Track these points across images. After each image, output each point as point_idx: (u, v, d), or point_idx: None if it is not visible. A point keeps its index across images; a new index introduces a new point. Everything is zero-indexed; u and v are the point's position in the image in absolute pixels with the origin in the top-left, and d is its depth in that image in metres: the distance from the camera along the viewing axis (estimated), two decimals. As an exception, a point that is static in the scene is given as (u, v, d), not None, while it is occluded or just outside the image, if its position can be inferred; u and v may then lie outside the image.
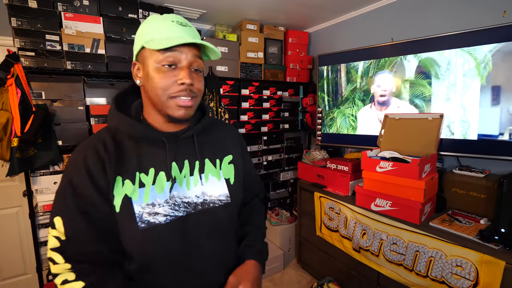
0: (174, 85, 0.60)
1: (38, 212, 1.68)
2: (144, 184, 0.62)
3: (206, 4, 2.07)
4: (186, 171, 0.67)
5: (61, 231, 0.57)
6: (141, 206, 0.60)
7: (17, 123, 1.50)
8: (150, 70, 0.61)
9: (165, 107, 0.62)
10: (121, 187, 0.60)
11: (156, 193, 0.62)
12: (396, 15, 2.02)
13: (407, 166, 1.43)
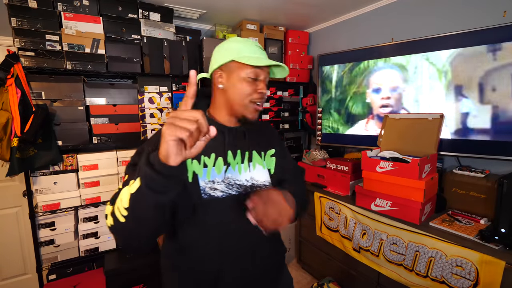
0: (255, 93, 0.79)
1: (38, 212, 1.68)
2: (207, 165, 0.78)
3: (206, 4, 2.07)
4: (238, 159, 0.82)
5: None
6: (204, 181, 0.76)
7: (17, 123, 1.50)
8: (237, 79, 0.78)
9: (244, 109, 0.80)
10: (190, 164, 0.76)
11: (215, 173, 0.78)
12: (396, 15, 2.02)
13: (407, 166, 1.43)
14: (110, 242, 1.93)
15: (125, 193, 0.57)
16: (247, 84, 0.78)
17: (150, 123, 2.02)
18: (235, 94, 0.78)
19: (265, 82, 0.81)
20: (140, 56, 1.92)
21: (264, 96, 0.81)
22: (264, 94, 0.80)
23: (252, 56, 0.77)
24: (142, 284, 1.89)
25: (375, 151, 1.70)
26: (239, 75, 0.78)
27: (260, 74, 0.79)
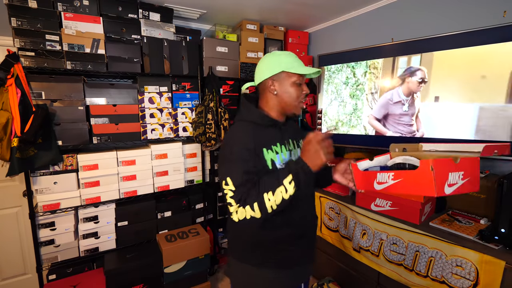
0: (302, 95, 1.01)
1: (38, 212, 1.68)
2: (277, 152, 0.98)
3: (206, 4, 2.07)
4: (292, 146, 1.05)
5: (231, 185, 0.88)
6: (279, 165, 0.96)
7: (17, 123, 1.50)
8: (288, 85, 0.98)
9: (294, 108, 1.01)
10: (267, 154, 0.95)
11: (284, 157, 0.99)
12: (396, 15, 2.02)
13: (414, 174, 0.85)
14: (110, 242, 1.93)
15: (276, 196, 0.84)
16: (296, 88, 0.98)
17: (150, 123, 2.02)
18: (288, 97, 0.99)
19: (305, 85, 1.02)
20: (140, 56, 1.92)
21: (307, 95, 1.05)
22: (307, 93, 1.02)
23: (297, 66, 0.97)
24: (142, 284, 1.89)
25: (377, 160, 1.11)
26: (289, 82, 0.98)
27: (303, 80, 1.00)
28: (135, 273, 1.86)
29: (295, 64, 0.98)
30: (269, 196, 0.84)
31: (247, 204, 0.85)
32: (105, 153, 1.84)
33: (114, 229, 1.93)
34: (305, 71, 0.97)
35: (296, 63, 0.98)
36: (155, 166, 2.02)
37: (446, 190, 0.76)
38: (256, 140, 0.94)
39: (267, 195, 0.84)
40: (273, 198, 0.84)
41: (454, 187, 0.78)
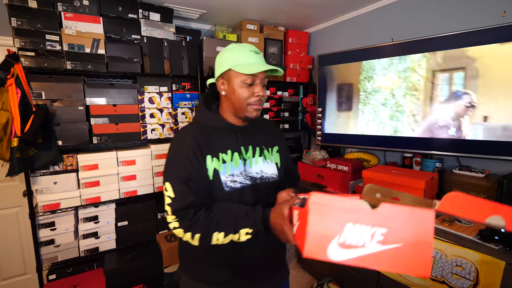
0: (252, 96, 0.87)
1: (38, 212, 1.68)
2: (225, 161, 0.87)
3: (206, 4, 2.07)
4: (250, 154, 0.93)
5: (171, 192, 0.81)
6: (225, 176, 0.86)
7: (17, 123, 1.50)
8: (236, 86, 0.86)
9: (244, 111, 0.88)
10: (211, 162, 0.85)
11: (233, 167, 0.88)
12: (396, 15, 2.02)
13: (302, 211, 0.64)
14: (110, 242, 1.93)
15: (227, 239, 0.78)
16: (245, 89, 0.86)
17: (150, 123, 2.02)
18: (235, 99, 0.87)
19: (262, 85, 0.88)
20: (140, 56, 1.92)
21: (262, 97, 0.88)
22: (262, 96, 0.87)
23: (246, 63, 0.85)
24: (142, 284, 1.89)
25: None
26: (236, 82, 0.86)
27: (256, 78, 0.86)
28: (135, 273, 1.87)
29: (244, 61, 0.85)
30: (219, 236, 0.77)
31: (190, 232, 0.78)
32: (105, 153, 1.84)
33: (114, 229, 1.93)
34: (252, 69, 0.83)
35: (245, 60, 0.85)
36: (155, 166, 2.02)
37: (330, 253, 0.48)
38: (201, 145, 0.85)
39: (217, 234, 0.77)
40: (222, 239, 0.77)
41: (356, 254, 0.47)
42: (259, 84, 0.87)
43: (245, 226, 0.77)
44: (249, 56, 0.86)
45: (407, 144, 1.82)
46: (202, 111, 0.93)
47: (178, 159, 0.84)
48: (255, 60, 0.86)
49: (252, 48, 0.88)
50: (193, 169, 0.82)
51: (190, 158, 0.83)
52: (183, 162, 0.83)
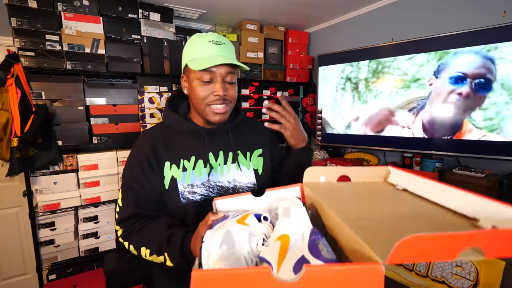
0: (210, 96, 0.74)
1: (38, 212, 1.68)
2: (186, 168, 0.77)
3: (206, 4, 2.07)
4: (220, 160, 0.81)
5: (120, 200, 0.76)
6: (183, 185, 0.76)
7: (17, 123, 1.50)
8: (193, 83, 0.75)
9: (204, 113, 0.76)
10: (169, 170, 0.76)
11: (195, 176, 0.77)
12: (396, 15, 2.02)
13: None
14: (110, 242, 1.93)
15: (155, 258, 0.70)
16: (202, 88, 0.74)
17: (150, 123, 2.02)
18: (194, 99, 0.76)
19: (222, 82, 0.73)
20: (140, 56, 1.92)
21: (222, 97, 0.74)
22: (221, 95, 0.73)
23: (203, 57, 0.72)
24: (142, 284, 1.89)
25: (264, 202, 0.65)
26: (194, 79, 0.74)
27: (214, 75, 0.73)
28: (135, 273, 1.86)
29: (200, 54, 0.72)
30: (146, 253, 0.70)
31: (127, 241, 0.73)
32: (105, 153, 1.84)
33: (114, 229, 1.93)
34: (204, 64, 0.70)
35: (201, 53, 0.72)
36: (155, 166, 2.02)
37: None
38: (159, 150, 0.76)
39: (144, 250, 0.70)
40: (149, 256, 0.70)
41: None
42: (219, 81, 0.73)
43: (166, 251, 0.67)
44: (206, 48, 0.73)
45: (407, 144, 1.82)
46: (166, 112, 0.82)
47: (131, 165, 0.77)
48: (213, 52, 0.72)
49: (212, 38, 0.74)
50: (144, 178, 0.74)
51: (143, 164, 0.75)
52: (134, 169, 0.75)
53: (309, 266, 0.33)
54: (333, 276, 0.33)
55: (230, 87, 0.76)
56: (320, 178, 0.64)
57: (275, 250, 0.47)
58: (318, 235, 0.47)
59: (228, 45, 0.76)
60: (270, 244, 0.50)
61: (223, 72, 0.73)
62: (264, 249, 0.49)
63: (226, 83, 0.75)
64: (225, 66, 0.73)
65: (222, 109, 0.75)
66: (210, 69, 0.72)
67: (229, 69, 0.74)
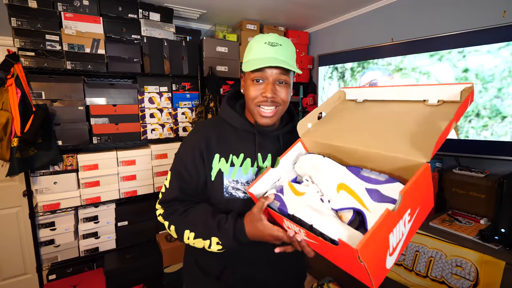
0: (259, 96, 0.75)
1: (38, 212, 1.68)
2: (234, 164, 0.78)
3: (206, 4, 2.07)
4: (268, 163, 0.81)
5: (167, 181, 0.80)
6: (228, 180, 0.78)
7: (17, 123, 1.50)
8: (247, 83, 0.78)
9: (254, 114, 0.78)
10: (218, 162, 0.78)
11: (241, 173, 0.78)
12: (396, 15, 2.02)
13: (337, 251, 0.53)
14: (110, 242, 1.93)
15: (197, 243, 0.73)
16: (253, 87, 0.75)
17: (150, 123, 2.02)
18: (246, 97, 0.79)
19: (272, 84, 0.74)
20: (140, 56, 1.92)
21: (273, 98, 0.75)
22: (269, 97, 0.74)
23: (256, 58, 0.74)
24: (142, 284, 1.89)
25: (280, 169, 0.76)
26: (248, 79, 0.77)
27: (266, 76, 0.74)
28: (135, 273, 1.87)
29: (254, 55, 0.75)
30: (189, 235, 0.74)
31: (167, 221, 0.77)
32: (105, 153, 1.84)
33: (114, 229, 1.93)
34: (254, 65, 0.72)
35: (256, 54, 0.74)
36: (155, 166, 2.02)
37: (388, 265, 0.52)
38: (211, 141, 0.79)
39: (188, 232, 0.74)
40: (192, 240, 0.74)
41: (400, 246, 0.54)
42: (269, 83, 0.74)
43: (216, 233, 0.71)
44: (261, 49, 0.74)
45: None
46: (223, 106, 0.85)
47: (183, 151, 0.81)
48: (266, 54, 0.73)
49: (268, 39, 0.74)
50: (193, 167, 0.78)
51: (194, 153, 0.78)
52: (186, 157, 0.79)
53: (402, 191, 0.48)
54: (414, 188, 0.50)
55: (281, 90, 0.76)
56: (308, 125, 0.80)
57: (348, 198, 0.59)
58: (358, 168, 0.63)
59: (286, 47, 0.75)
60: (335, 197, 0.62)
61: (274, 74, 0.74)
62: (339, 200, 0.60)
63: (277, 85, 0.75)
64: (277, 67, 0.73)
65: (269, 112, 0.76)
66: (262, 70, 0.73)
67: (282, 71, 0.74)
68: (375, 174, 0.60)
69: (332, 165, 0.67)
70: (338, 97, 0.87)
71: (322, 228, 0.53)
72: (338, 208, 0.60)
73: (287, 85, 0.76)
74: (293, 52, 0.77)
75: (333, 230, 0.52)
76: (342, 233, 0.51)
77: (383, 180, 0.58)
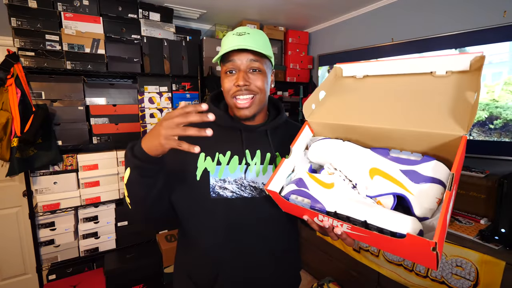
0: (233, 87, 0.72)
1: (38, 212, 1.68)
2: (221, 162, 0.74)
3: (206, 4, 2.07)
4: (257, 160, 0.77)
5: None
6: (215, 179, 0.74)
7: (17, 123, 1.50)
8: (221, 77, 0.75)
9: (232, 107, 0.75)
10: (203, 161, 0.74)
11: (228, 172, 0.74)
12: (396, 15, 2.02)
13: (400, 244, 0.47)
14: (110, 242, 1.93)
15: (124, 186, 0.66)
16: (227, 79, 0.72)
17: (150, 123, 2.02)
18: (224, 93, 0.76)
19: (244, 72, 0.71)
20: (140, 56, 1.92)
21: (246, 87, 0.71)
22: (241, 85, 0.70)
23: (225, 48, 0.70)
24: (142, 284, 1.89)
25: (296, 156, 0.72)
26: (221, 73, 0.75)
27: (237, 65, 0.71)
28: (135, 273, 1.86)
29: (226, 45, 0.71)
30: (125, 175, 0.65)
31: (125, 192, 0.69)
32: (105, 153, 1.84)
33: (114, 229, 1.93)
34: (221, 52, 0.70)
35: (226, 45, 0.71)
36: (155, 166, 2.02)
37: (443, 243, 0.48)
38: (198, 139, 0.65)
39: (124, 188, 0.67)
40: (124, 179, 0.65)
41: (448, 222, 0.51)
42: (241, 71, 0.70)
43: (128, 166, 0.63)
44: (230, 40, 0.71)
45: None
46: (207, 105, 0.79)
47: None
48: (234, 43, 0.69)
49: (236, 31, 0.73)
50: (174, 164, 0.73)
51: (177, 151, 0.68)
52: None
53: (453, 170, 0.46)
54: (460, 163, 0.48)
55: (255, 77, 0.72)
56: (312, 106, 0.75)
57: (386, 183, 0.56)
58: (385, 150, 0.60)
59: (255, 35, 0.72)
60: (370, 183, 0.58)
61: (245, 62, 0.71)
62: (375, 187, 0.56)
63: (250, 73, 0.72)
64: (247, 54, 0.70)
65: (245, 102, 0.72)
66: (231, 59, 0.70)
67: (252, 57, 0.70)
68: (407, 154, 0.56)
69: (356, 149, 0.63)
70: (334, 75, 0.81)
71: (377, 222, 0.49)
72: (376, 195, 0.56)
73: (261, 72, 0.73)
74: (264, 41, 0.74)
75: (389, 222, 0.48)
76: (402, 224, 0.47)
77: (418, 160, 0.54)
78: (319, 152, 0.68)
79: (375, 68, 0.72)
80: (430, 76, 0.63)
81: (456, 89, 0.57)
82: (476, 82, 0.55)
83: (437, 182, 0.51)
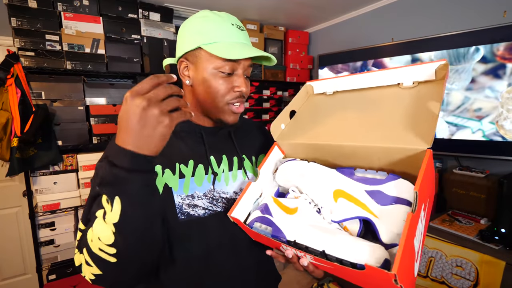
0: (231, 92, 0.61)
1: (38, 212, 1.68)
2: (184, 175, 0.61)
3: (206, 4, 2.07)
4: (224, 166, 0.66)
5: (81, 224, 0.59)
6: (181, 197, 0.60)
7: (17, 123, 1.50)
8: (206, 73, 0.59)
9: (220, 112, 0.62)
10: (161, 176, 0.59)
11: (195, 185, 0.62)
12: (396, 15, 2.02)
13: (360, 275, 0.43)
14: (110, 242, 1.93)
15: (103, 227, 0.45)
16: (221, 80, 0.59)
17: (150, 123, 2.01)
18: (206, 93, 0.60)
19: (245, 76, 0.62)
20: (140, 56, 1.92)
21: (244, 94, 0.62)
22: (244, 92, 0.61)
23: (226, 42, 0.58)
24: (142, 284, 1.89)
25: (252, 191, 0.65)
26: (209, 68, 0.59)
27: (237, 67, 0.60)
28: (135, 273, 1.86)
29: (222, 38, 0.58)
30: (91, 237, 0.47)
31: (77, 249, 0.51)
32: (105, 153, 1.84)
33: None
34: (235, 54, 0.56)
35: (224, 36, 0.58)
36: (155, 166, 2.02)
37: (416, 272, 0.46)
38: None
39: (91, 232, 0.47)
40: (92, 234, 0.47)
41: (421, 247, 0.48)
42: (241, 75, 0.60)
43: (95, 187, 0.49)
44: (230, 31, 0.59)
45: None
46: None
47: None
48: (238, 39, 0.60)
49: (234, 21, 0.61)
50: None
51: None
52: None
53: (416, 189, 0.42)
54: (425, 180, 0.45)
55: (248, 83, 0.64)
56: (281, 126, 0.72)
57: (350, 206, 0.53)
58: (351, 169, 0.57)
59: (246, 33, 0.65)
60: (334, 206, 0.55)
61: (246, 65, 0.61)
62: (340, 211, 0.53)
63: (244, 77, 0.62)
64: (248, 59, 0.61)
65: (240, 108, 0.63)
66: (236, 60, 0.58)
67: (250, 62, 0.62)
68: (372, 173, 0.54)
69: (320, 170, 0.59)
70: (305, 93, 0.78)
71: (337, 252, 0.45)
72: (341, 220, 0.52)
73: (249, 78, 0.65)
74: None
75: (350, 252, 0.44)
76: (363, 253, 0.43)
77: (383, 179, 0.52)
78: (285, 175, 0.63)
79: (345, 83, 0.71)
80: (398, 88, 0.62)
81: (421, 100, 0.56)
82: (439, 91, 0.54)
83: (404, 202, 0.48)
